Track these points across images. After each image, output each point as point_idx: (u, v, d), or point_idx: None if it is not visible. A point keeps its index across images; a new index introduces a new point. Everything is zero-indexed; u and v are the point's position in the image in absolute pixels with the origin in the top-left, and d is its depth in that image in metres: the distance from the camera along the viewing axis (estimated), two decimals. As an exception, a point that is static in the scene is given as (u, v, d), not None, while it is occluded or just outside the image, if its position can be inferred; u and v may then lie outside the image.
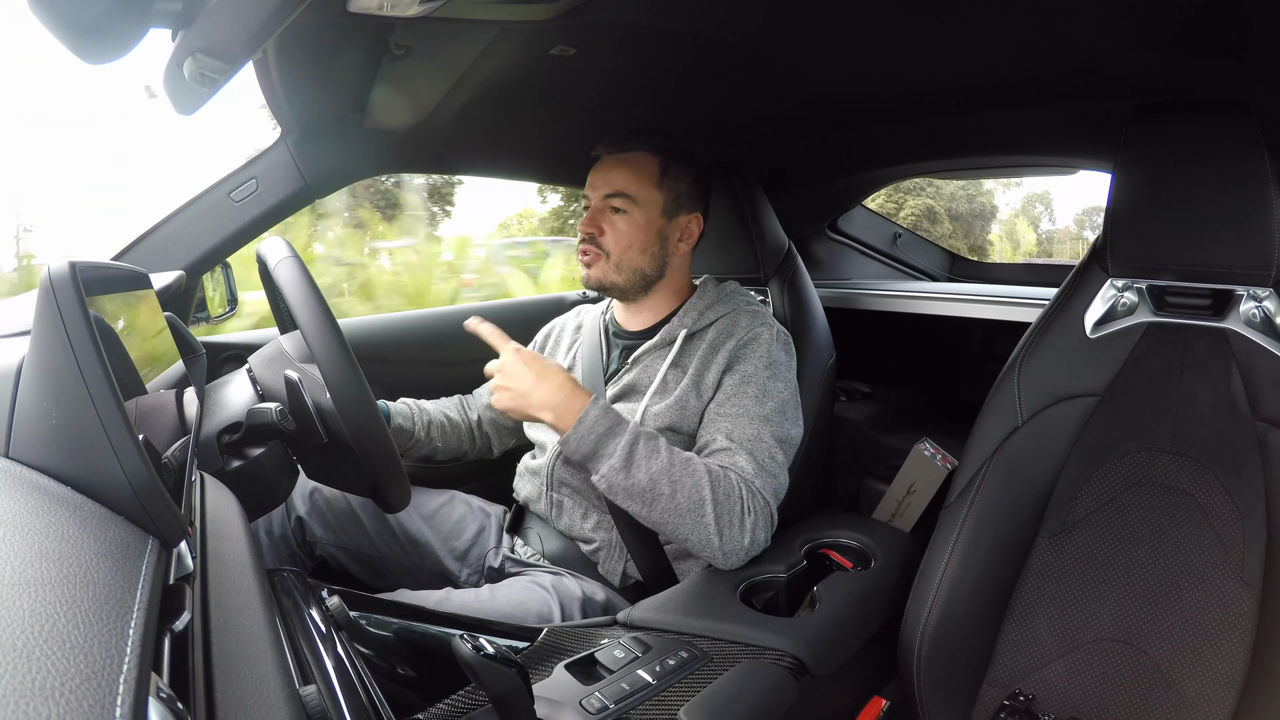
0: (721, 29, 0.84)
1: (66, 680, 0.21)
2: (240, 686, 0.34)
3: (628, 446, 0.83)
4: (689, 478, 0.82)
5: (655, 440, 0.85)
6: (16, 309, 0.69)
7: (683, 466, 0.83)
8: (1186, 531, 0.81)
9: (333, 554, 1.06)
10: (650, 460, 0.83)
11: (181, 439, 0.51)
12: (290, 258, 0.72)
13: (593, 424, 0.84)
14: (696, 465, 0.84)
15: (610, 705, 0.63)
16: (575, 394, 0.86)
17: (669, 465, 0.83)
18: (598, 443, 0.83)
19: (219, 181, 1.12)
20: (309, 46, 0.85)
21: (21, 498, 0.33)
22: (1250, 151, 0.78)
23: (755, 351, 0.96)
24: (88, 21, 0.41)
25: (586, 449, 0.84)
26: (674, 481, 0.82)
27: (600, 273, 1.02)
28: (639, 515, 0.85)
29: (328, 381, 0.68)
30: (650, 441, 0.84)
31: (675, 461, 0.83)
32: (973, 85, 1.01)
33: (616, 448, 0.83)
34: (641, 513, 0.84)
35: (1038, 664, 0.86)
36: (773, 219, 1.26)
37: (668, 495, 0.82)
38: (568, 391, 0.86)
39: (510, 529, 1.10)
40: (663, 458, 0.83)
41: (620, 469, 0.82)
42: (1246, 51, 0.79)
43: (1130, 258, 0.87)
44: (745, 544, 0.85)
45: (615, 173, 1.01)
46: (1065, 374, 0.89)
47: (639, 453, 0.83)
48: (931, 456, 1.23)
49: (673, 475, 0.82)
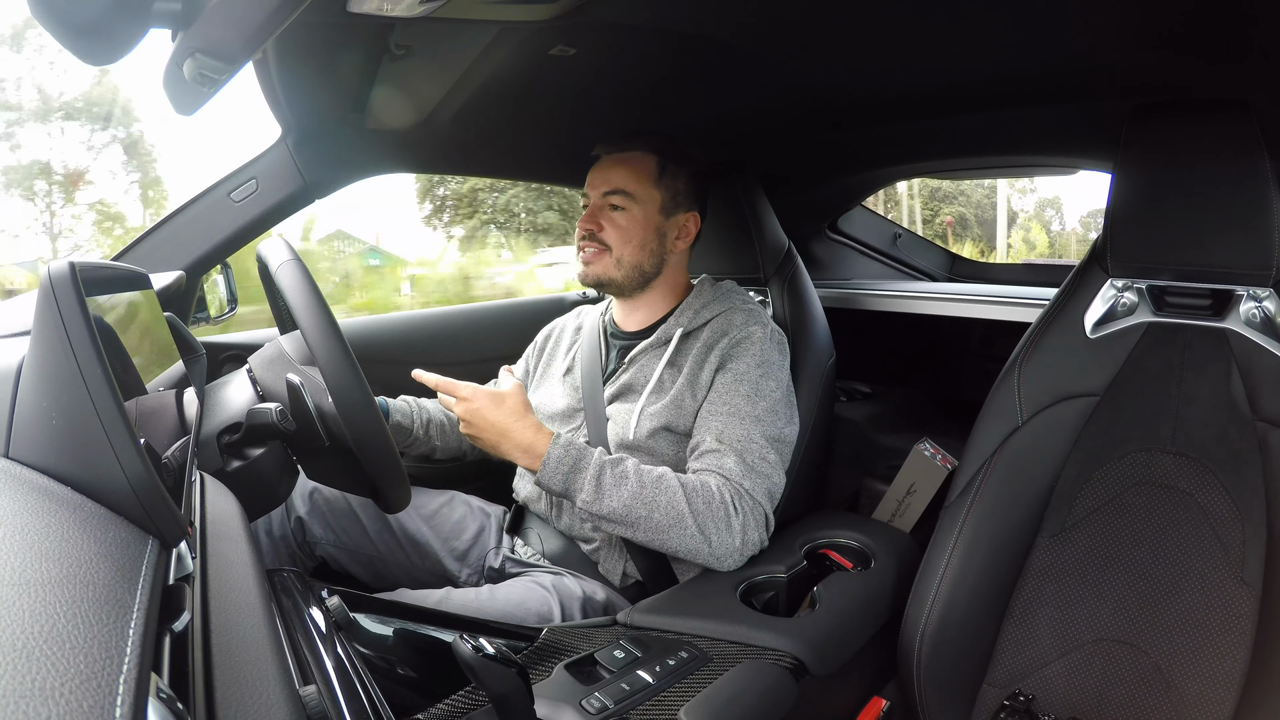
0: (721, 29, 0.84)
1: (66, 680, 0.21)
2: (240, 686, 0.34)
3: (594, 480, 0.86)
4: (662, 495, 0.84)
5: (621, 465, 0.87)
6: (16, 309, 0.69)
7: (654, 486, 0.85)
8: (1186, 531, 0.81)
9: (333, 554, 1.06)
10: (619, 488, 0.85)
11: (181, 439, 0.51)
12: (291, 260, 0.72)
13: (556, 464, 0.86)
14: (668, 481, 0.86)
15: (610, 705, 0.63)
16: (538, 435, 0.89)
17: (639, 488, 0.85)
18: (566, 479, 0.86)
19: (219, 181, 1.12)
20: (309, 46, 0.85)
21: (21, 498, 0.33)
22: (1250, 152, 0.78)
23: (748, 350, 0.97)
24: (88, 21, 0.41)
25: (559, 487, 0.87)
26: (648, 503, 0.84)
27: (600, 268, 1.02)
28: (625, 535, 0.87)
29: (329, 384, 0.68)
30: (615, 468, 0.87)
31: (645, 483, 0.85)
32: (973, 85, 1.01)
33: (584, 482, 0.86)
34: (627, 534, 0.87)
35: (1038, 664, 0.86)
36: (773, 219, 1.26)
37: (645, 516, 0.84)
38: (530, 435, 0.89)
39: (510, 529, 1.10)
40: (631, 483, 0.85)
41: (593, 500, 0.85)
42: (1247, 52, 0.79)
43: (1130, 258, 0.87)
44: (737, 545, 0.85)
45: (614, 171, 1.02)
46: (1065, 374, 0.89)
47: (606, 483, 0.85)
48: (931, 456, 1.23)
49: (644, 497, 0.84)
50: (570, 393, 1.08)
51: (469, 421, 0.90)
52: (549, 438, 0.88)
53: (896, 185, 6.49)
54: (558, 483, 0.87)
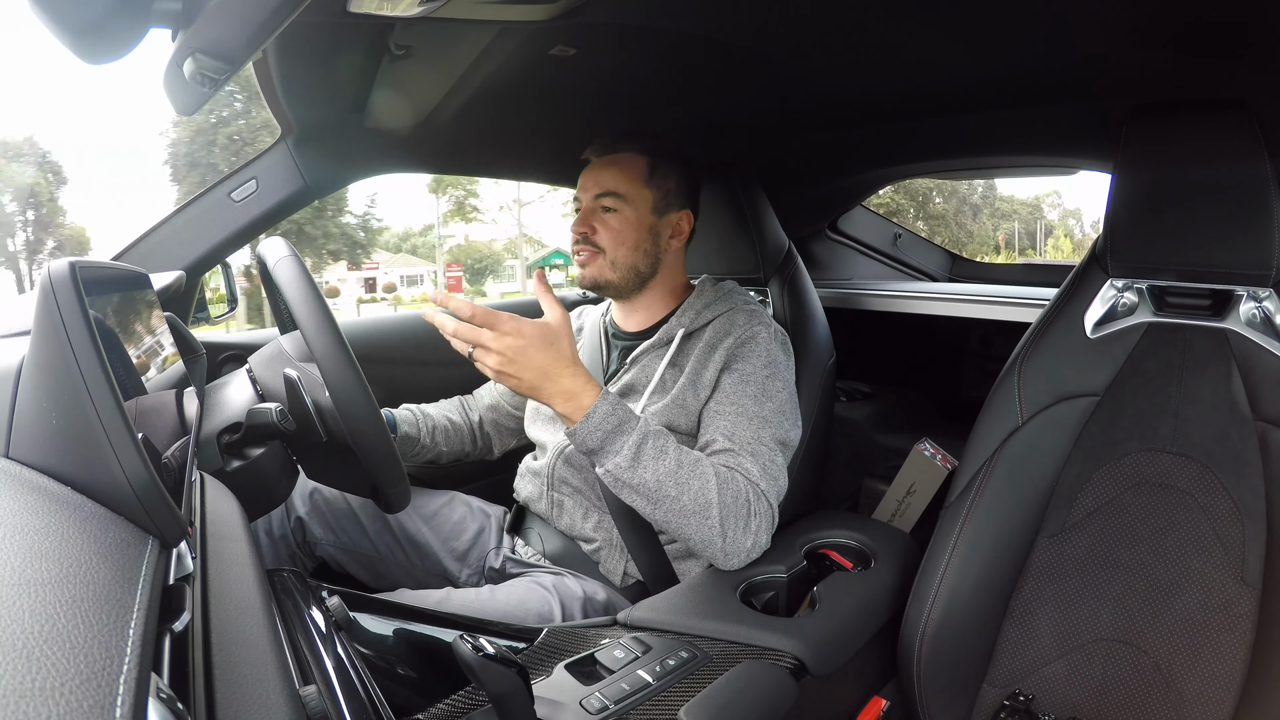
0: (721, 29, 0.84)
1: (66, 680, 0.21)
2: (240, 686, 0.34)
3: (635, 446, 0.81)
4: (696, 480, 0.81)
5: (664, 439, 0.83)
6: (16, 309, 0.69)
7: (690, 468, 0.82)
8: (1186, 531, 0.81)
9: (332, 554, 1.06)
10: (658, 461, 0.81)
11: (181, 439, 0.51)
12: (290, 257, 0.72)
13: (602, 419, 0.81)
14: (705, 467, 0.83)
15: (610, 705, 0.63)
16: (587, 385, 0.82)
17: (676, 467, 0.82)
18: (605, 439, 0.81)
19: (219, 181, 1.12)
20: (309, 46, 0.85)
21: (21, 498, 0.33)
22: (1250, 152, 0.78)
23: (754, 351, 0.96)
24: (88, 21, 0.41)
25: (594, 443, 0.81)
26: (680, 484, 0.81)
27: (595, 271, 1.02)
28: (643, 510, 0.84)
29: (327, 381, 0.68)
30: (659, 440, 0.83)
31: (684, 463, 0.82)
32: (973, 85, 1.01)
33: (624, 445, 0.81)
34: (646, 509, 0.83)
35: (1038, 664, 0.86)
36: (773, 219, 1.26)
37: (673, 497, 0.81)
38: (579, 382, 0.82)
39: (510, 529, 1.10)
40: (670, 458, 0.82)
41: (627, 467, 0.81)
42: (1246, 51, 0.79)
43: (1130, 258, 0.87)
44: (748, 545, 0.85)
45: (604, 173, 1.01)
46: (1065, 374, 0.89)
47: (646, 453, 0.81)
48: (931, 456, 1.23)
49: (680, 477, 0.81)
50: None
51: (510, 358, 0.78)
52: (597, 390, 0.82)
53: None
54: (595, 439, 0.81)
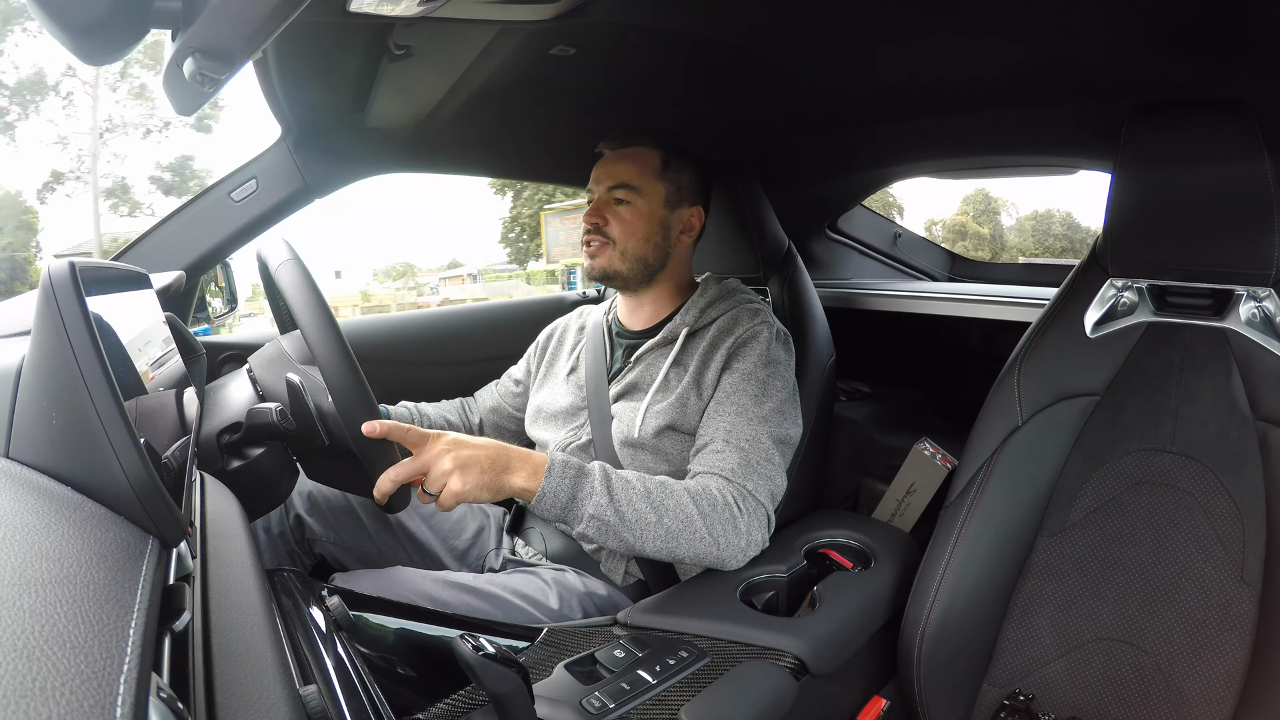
0: (722, 29, 0.84)
1: (67, 680, 0.21)
2: (240, 686, 0.34)
3: (603, 481, 0.80)
4: (670, 499, 0.81)
5: (621, 473, 0.82)
6: (16, 309, 0.69)
7: (659, 490, 0.82)
8: (1186, 531, 0.81)
9: (332, 552, 1.06)
10: (628, 491, 0.81)
11: (181, 439, 0.51)
12: (291, 259, 0.72)
13: (562, 470, 0.79)
14: (672, 485, 0.83)
15: (610, 705, 0.63)
16: (532, 452, 0.81)
17: (646, 493, 0.81)
18: (574, 484, 0.79)
19: (219, 181, 1.12)
20: (309, 46, 0.85)
21: (21, 498, 0.33)
22: (1250, 151, 0.78)
23: (754, 349, 0.97)
24: (88, 21, 0.41)
25: (565, 494, 0.79)
26: (657, 507, 0.80)
27: (606, 261, 1.03)
28: (633, 547, 0.81)
29: (329, 384, 0.68)
30: (619, 475, 0.82)
31: (651, 489, 0.82)
32: (972, 85, 1.00)
33: (594, 485, 0.80)
34: (636, 545, 0.81)
35: (1038, 663, 0.86)
36: (773, 219, 1.26)
37: (654, 522, 0.80)
38: (525, 451, 0.80)
39: (511, 530, 1.10)
40: (636, 488, 0.81)
41: (607, 503, 0.79)
42: (1246, 51, 0.79)
43: (1130, 258, 0.87)
44: (743, 545, 0.85)
45: (619, 166, 1.03)
46: (1065, 373, 0.89)
47: (615, 485, 0.81)
48: (931, 456, 1.23)
49: (653, 500, 0.81)
50: (574, 391, 1.08)
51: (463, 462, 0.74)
52: (544, 455, 0.80)
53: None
54: (565, 490, 0.78)
